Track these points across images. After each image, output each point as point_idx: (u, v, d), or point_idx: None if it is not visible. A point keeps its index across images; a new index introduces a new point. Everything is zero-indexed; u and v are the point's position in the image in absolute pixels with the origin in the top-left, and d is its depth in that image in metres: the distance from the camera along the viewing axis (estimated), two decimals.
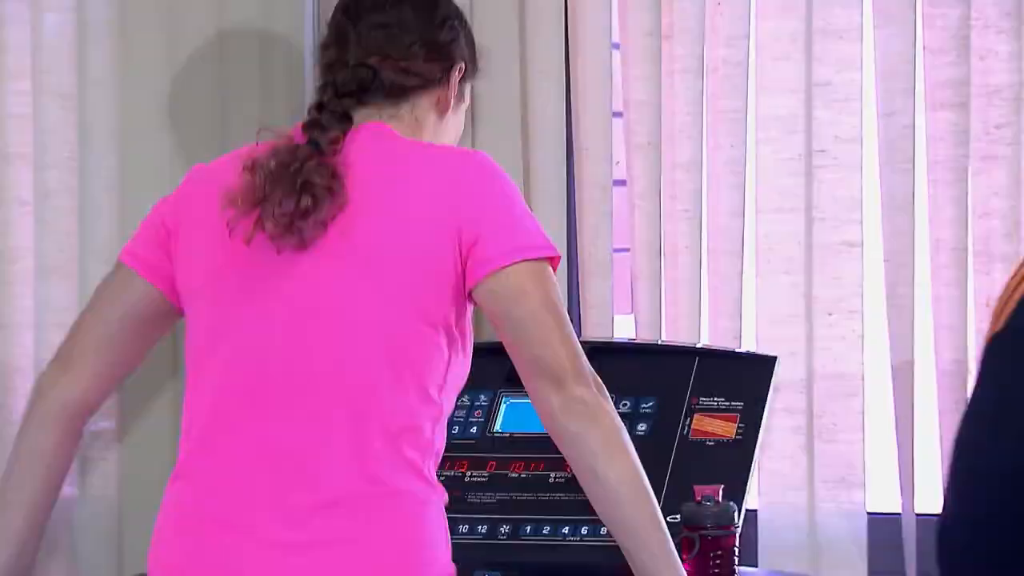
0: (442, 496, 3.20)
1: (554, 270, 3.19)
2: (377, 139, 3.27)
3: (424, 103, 3.36)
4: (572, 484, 3.65)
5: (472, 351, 3.29)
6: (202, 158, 4.17)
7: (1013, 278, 2.56)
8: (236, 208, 3.14)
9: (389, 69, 3.29)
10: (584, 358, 3.16)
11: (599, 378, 3.18)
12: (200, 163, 3.46)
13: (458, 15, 3.48)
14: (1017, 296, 2.52)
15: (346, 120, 3.23)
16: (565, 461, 3.56)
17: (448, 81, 3.37)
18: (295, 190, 3.11)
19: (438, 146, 3.38)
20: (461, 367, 3.22)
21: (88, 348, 3.31)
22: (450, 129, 3.44)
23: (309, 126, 3.22)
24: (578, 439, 3.10)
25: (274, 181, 3.12)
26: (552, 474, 3.83)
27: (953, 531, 2.52)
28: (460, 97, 3.43)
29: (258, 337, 3.19)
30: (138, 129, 4.40)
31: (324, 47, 3.40)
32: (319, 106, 3.27)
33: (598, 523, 3.65)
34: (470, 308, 3.24)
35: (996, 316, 2.54)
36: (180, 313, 3.31)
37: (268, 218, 3.11)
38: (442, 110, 3.39)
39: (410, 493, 3.15)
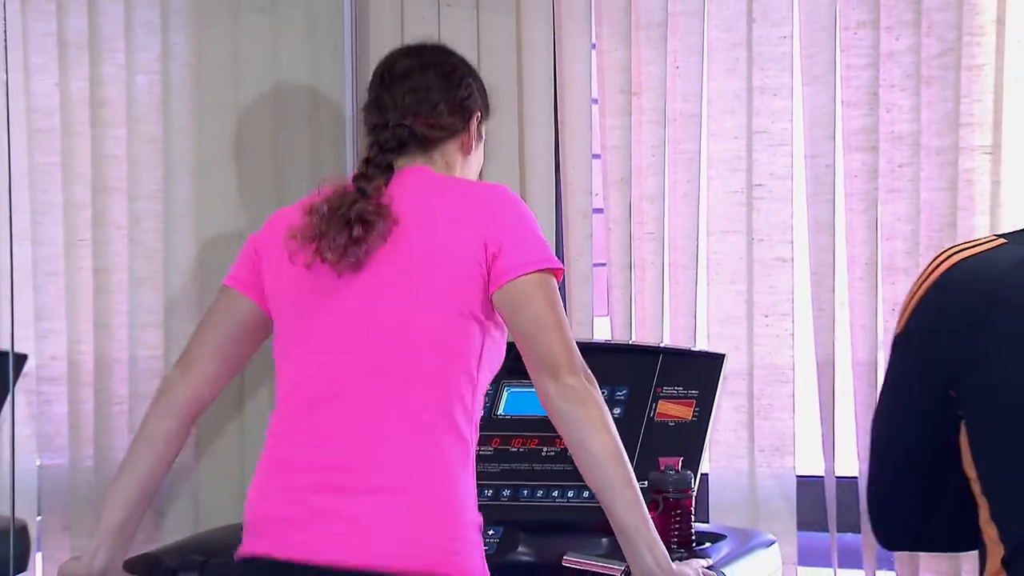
0: (473, 456, 3.25)
1: (558, 280, 3.23)
2: (418, 176, 3.30)
3: (451, 148, 3.38)
4: (560, 456, 3.85)
5: (505, 337, 3.33)
6: (261, 190, 4.55)
7: (912, 288, 2.68)
8: (296, 242, 3.20)
9: (421, 126, 3.32)
10: (577, 353, 3.20)
11: (589, 370, 3.21)
12: (279, 208, 3.45)
13: (472, 73, 3.50)
14: (913, 303, 2.64)
15: (389, 170, 3.28)
16: (555, 438, 3.69)
17: (468, 128, 3.40)
18: (347, 225, 3.16)
19: (468, 180, 3.45)
20: (495, 350, 3.26)
21: (203, 356, 3.34)
22: (473, 164, 3.48)
23: (358, 178, 3.26)
24: (570, 418, 3.14)
25: (328, 220, 3.17)
26: (544, 449, 3.86)
27: (867, 491, 2.77)
28: (479, 137, 3.47)
29: (330, 339, 3.23)
30: (211, 167, 4.41)
31: (366, 112, 3.42)
32: (367, 161, 3.31)
33: (580, 488, 3.76)
34: (495, 314, 3.27)
35: (899, 319, 2.68)
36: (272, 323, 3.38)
37: (326, 250, 3.16)
38: (466, 151, 3.42)
39: (452, 455, 3.19)
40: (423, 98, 3.35)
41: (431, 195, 3.30)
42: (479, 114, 3.45)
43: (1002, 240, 2.68)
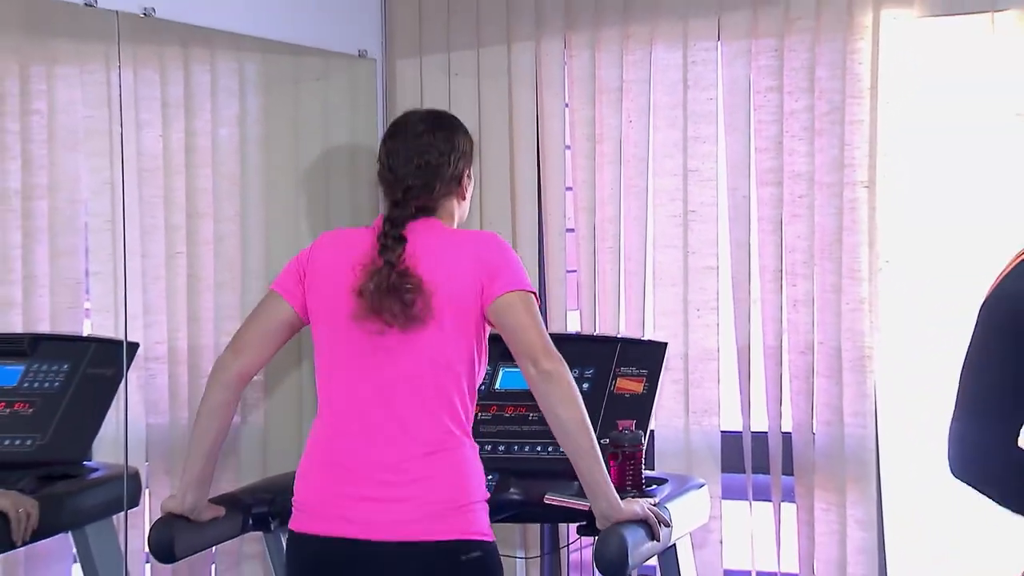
0: (476, 448, 3.26)
1: (537, 301, 3.21)
2: (428, 232, 3.21)
3: (450, 201, 3.31)
4: (542, 421, 3.60)
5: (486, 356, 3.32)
6: (314, 216, 4.45)
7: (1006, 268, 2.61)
8: (357, 317, 3.14)
9: (426, 197, 3.24)
10: (550, 343, 3.20)
11: (561, 356, 3.19)
12: (325, 231, 3.42)
13: (465, 131, 3.40)
14: (1007, 270, 2.58)
15: (404, 239, 3.18)
16: (538, 407, 3.64)
17: (462, 184, 3.34)
18: (399, 303, 3.10)
19: (466, 232, 3.36)
20: (482, 368, 3.26)
21: (251, 341, 3.30)
22: (466, 205, 3.40)
23: (383, 249, 3.17)
24: (546, 394, 3.16)
25: (380, 298, 3.11)
26: (530, 415, 3.82)
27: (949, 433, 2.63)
28: (469, 184, 3.39)
29: (369, 355, 3.20)
30: (276, 199, 4.44)
31: (378, 173, 3.32)
32: (385, 235, 3.20)
33: (555, 445, 3.62)
34: (487, 330, 3.26)
35: (993, 285, 2.58)
36: (304, 324, 3.30)
37: (388, 319, 3.10)
38: (460, 199, 3.35)
39: (462, 446, 3.21)
40: (428, 177, 3.27)
41: (440, 243, 3.25)
42: (469, 171, 3.39)
43: None
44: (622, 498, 3.48)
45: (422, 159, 3.26)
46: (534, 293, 3.24)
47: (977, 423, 2.60)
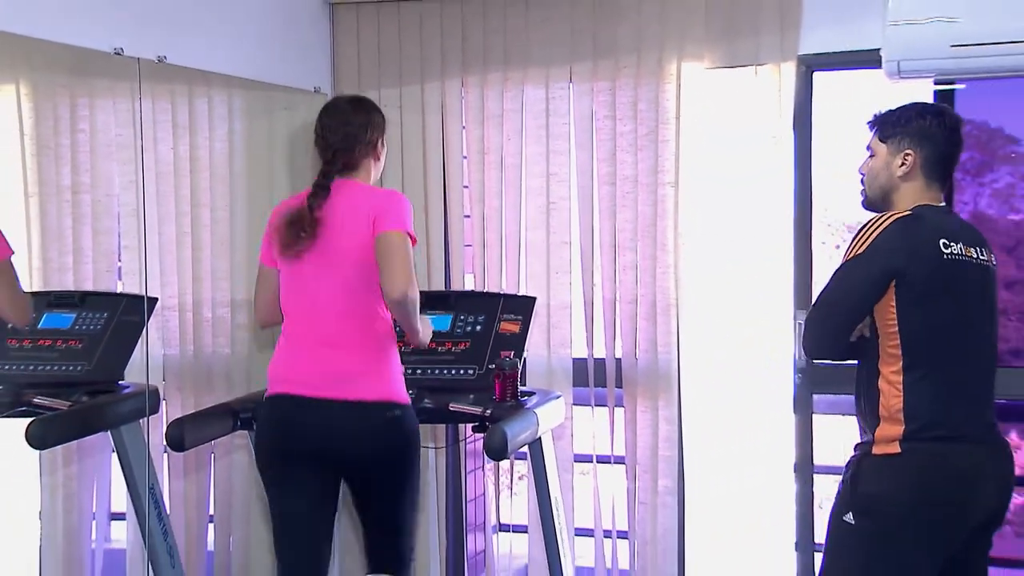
0: (395, 331, 3.22)
1: (413, 243, 3.13)
2: (347, 187, 3.20)
3: (368, 163, 3.27)
4: (448, 352, 3.83)
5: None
6: (278, 199, 4.11)
7: (866, 231, 2.74)
8: (279, 236, 3.17)
9: (347, 156, 3.22)
10: (409, 281, 3.09)
11: (417, 289, 3.12)
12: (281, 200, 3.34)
13: (378, 110, 3.34)
14: (874, 236, 2.72)
15: (328, 189, 3.17)
16: (446, 340, 3.82)
17: (376, 148, 3.28)
18: (298, 229, 3.14)
19: (378, 188, 3.30)
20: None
21: (258, 306, 3.34)
22: (380, 165, 3.34)
23: (311, 193, 3.17)
24: (399, 314, 3.13)
25: (288, 228, 3.15)
26: (439, 347, 3.82)
27: (811, 323, 2.82)
28: (382, 149, 3.33)
29: (307, 284, 3.18)
30: (255, 192, 4.31)
31: (315, 141, 3.28)
32: (317, 184, 3.19)
33: (460, 367, 3.83)
34: None
35: (858, 247, 2.72)
36: None
37: (284, 248, 3.16)
38: (375, 159, 3.29)
39: (383, 329, 3.19)
40: (350, 139, 3.24)
41: (354, 198, 3.20)
42: (383, 139, 3.33)
43: (908, 211, 2.78)
44: (503, 406, 3.56)
45: (346, 129, 3.23)
46: (411, 236, 3.15)
47: (834, 325, 2.80)
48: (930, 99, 3.89)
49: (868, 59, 3.80)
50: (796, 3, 3.96)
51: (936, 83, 3.87)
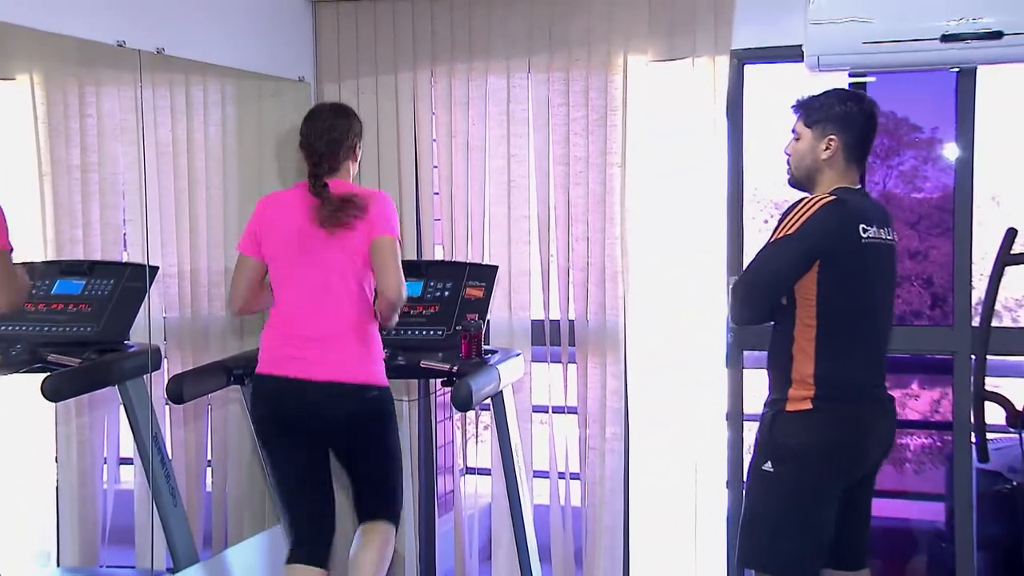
0: (376, 320, 3.23)
1: (400, 244, 3.21)
2: (338, 186, 3.22)
3: (348, 163, 3.29)
4: (421, 315, 3.83)
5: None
6: (268, 183, 4.18)
7: (797, 214, 2.72)
8: (309, 222, 3.12)
9: (331, 160, 3.23)
10: (402, 282, 3.15)
11: (402, 282, 3.16)
12: (261, 188, 3.39)
13: (357, 117, 3.34)
14: (804, 218, 2.70)
15: (326, 185, 3.19)
16: (418, 305, 3.84)
17: (355, 151, 3.30)
18: (343, 215, 3.13)
19: (363, 189, 3.31)
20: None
21: (238, 295, 3.31)
22: (356, 165, 3.34)
23: (317, 193, 3.18)
24: (389, 311, 3.18)
25: (332, 211, 3.13)
26: (411, 311, 3.82)
27: (739, 294, 2.83)
28: (359, 151, 3.35)
29: (304, 273, 3.20)
30: (245, 169, 4.28)
31: (300, 144, 3.26)
32: (313, 176, 3.20)
33: (431, 328, 3.83)
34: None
35: (789, 228, 2.69)
36: (266, 264, 3.26)
37: (325, 224, 3.11)
38: (353, 161, 3.31)
39: (367, 321, 3.24)
40: (334, 144, 3.24)
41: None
42: (359, 142, 3.33)
43: (834, 196, 2.76)
44: (469, 363, 3.56)
45: (330, 135, 3.23)
46: (400, 240, 3.21)
47: (763, 296, 2.82)
48: None
49: (792, 54, 3.84)
50: (729, 3, 3.98)
51: (850, 76, 3.91)
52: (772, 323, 2.93)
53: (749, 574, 3.25)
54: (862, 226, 2.78)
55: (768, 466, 2.81)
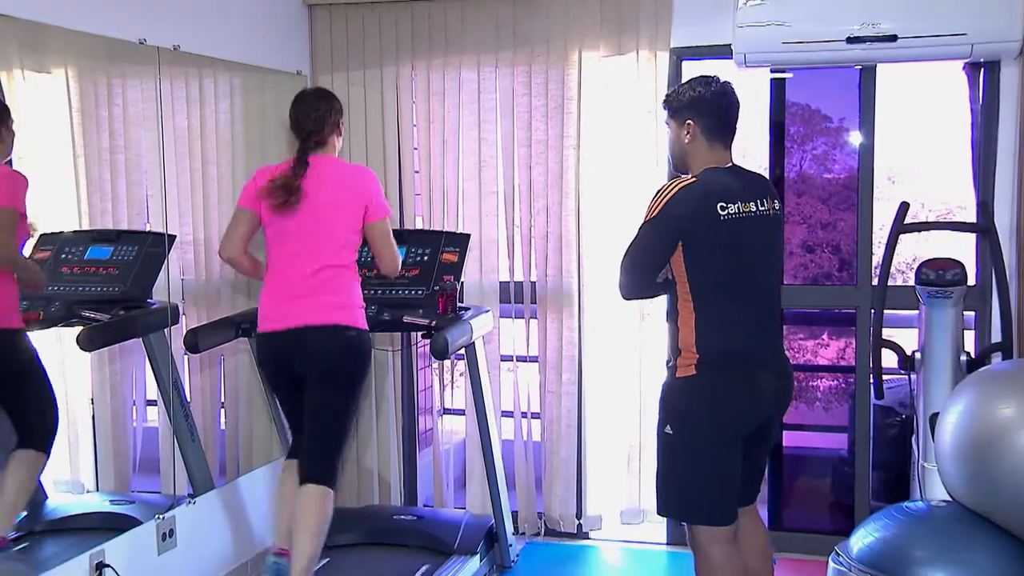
0: (359, 279, 3.30)
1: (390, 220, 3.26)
2: (322, 161, 3.26)
3: (333, 139, 3.31)
4: (403, 278, 3.82)
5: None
6: (266, 158, 4.01)
7: (658, 197, 2.64)
8: (271, 198, 3.19)
9: (318, 136, 3.26)
10: (396, 259, 3.23)
11: (398, 258, 3.26)
12: (262, 165, 3.37)
13: (336, 98, 3.35)
14: (665, 201, 2.64)
15: (307, 164, 3.22)
16: (402, 269, 3.76)
17: (338, 127, 3.32)
18: (287, 193, 3.18)
19: (350, 164, 3.36)
20: (359, 240, 3.26)
21: (230, 243, 3.32)
22: (341, 140, 3.35)
23: (294, 166, 3.21)
24: (385, 267, 3.29)
25: (279, 190, 3.18)
26: (396, 278, 3.67)
27: (624, 273, 2.72)
28: (342, 127, 3.36)
29: (292, 233, 3.23)
30: (250, 152, 4.25)
31: (290, 125, 3.29)
32: (297, 159, 3.23)
33: (411, 289, 3.85)
34: (362, 227, 3.24)
35: (653, 210, 2.63)
36: (260, 220, 3.27)
37: (276, 208, 3.18)
38: (338, 136, 3.32)
39: (352, 280, 3.28)
40: (320, 121, 3.26)
41: (330, 171, 3.24)
42: (341, 119, 3.35)
43: (694, 179, 2.69)
44: (445, 319, 3.57)
45: (316, 113, 3.26)
46: (388, 216, 3.26)
47: (639, 273, 2.75)
48: (767, 86, 4.00)
49: (722, 52, 3.88)
50: (668, 7, 4.00)
51: (772, 72, 3.99)
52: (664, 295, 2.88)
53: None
54: (720, 204, 2.66)
55: (668, 429, 2.73)
